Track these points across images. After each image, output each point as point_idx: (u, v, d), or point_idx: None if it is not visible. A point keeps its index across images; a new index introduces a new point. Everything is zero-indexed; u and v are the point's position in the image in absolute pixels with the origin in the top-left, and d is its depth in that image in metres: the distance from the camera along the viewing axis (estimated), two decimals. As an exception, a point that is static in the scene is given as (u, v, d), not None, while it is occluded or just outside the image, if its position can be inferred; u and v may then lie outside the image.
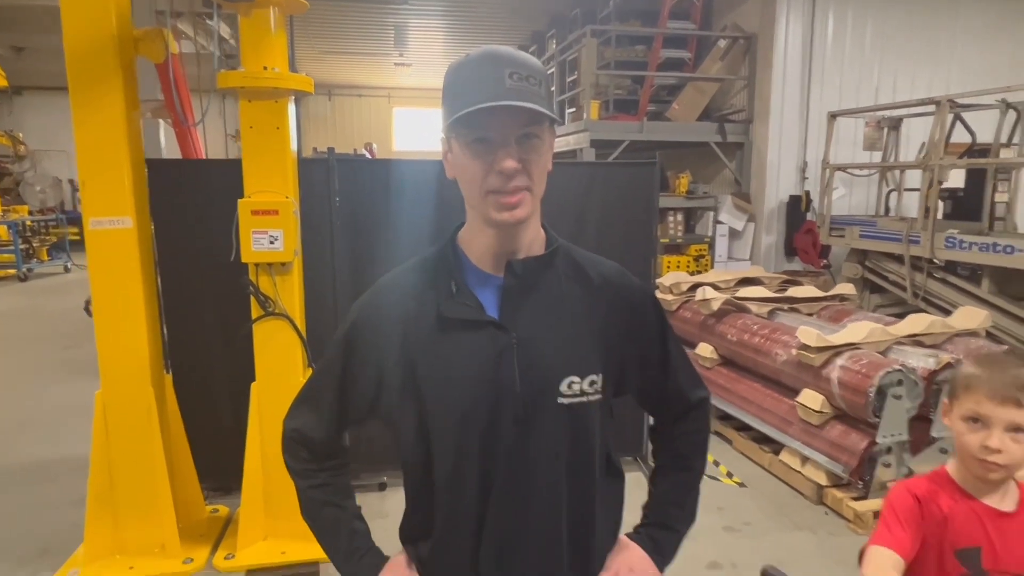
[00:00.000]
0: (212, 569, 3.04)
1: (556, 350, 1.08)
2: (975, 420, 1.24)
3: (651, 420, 1.33)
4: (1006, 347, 4.29)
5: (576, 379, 1.08)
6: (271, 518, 3.17)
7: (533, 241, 1.12)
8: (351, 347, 1.15)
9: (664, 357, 1.21)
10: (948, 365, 3.51)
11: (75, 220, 14.60)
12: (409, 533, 1.19)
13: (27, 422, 4.92)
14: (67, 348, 6.98)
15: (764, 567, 1.26)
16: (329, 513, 1.20)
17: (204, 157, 4.32)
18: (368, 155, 11.46)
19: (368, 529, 1.21)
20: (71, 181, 15.98)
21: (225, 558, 3.07)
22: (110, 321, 2.92)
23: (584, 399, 1.09)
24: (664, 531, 1.24)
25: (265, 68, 2.77)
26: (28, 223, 12.17)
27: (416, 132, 19.39)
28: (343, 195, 3.53)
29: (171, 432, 3.17)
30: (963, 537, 1.26)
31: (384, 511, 3.47)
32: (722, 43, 7.87)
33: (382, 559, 1.18)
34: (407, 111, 19.40)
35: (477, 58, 1.02)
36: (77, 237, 14.91)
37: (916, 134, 7.11)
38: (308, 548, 3.12)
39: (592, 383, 1.09)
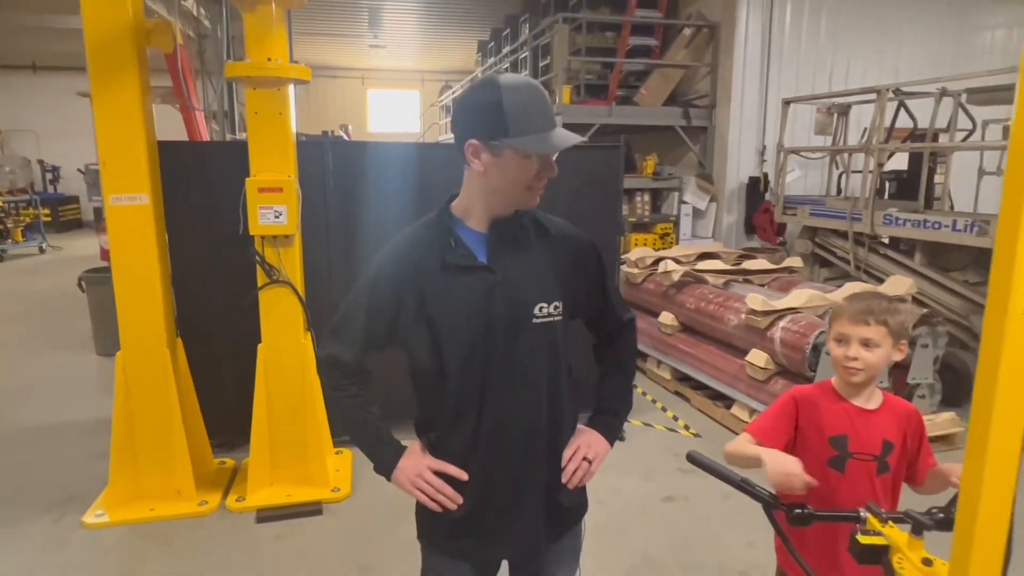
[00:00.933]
0: (225, 510, 3.39)
1: (529, 285, 1.48)
2: (840, 339, 1.67)
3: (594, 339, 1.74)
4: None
5: (544, 304, 1.48)
6: (276, 467, 3.54)
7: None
8: (375, 287, 1.52)
9: (602, 289, 1.63)
10: (875, 326, 3.99)
11: (48, 201, 14.50)
12: (422, 427, 1.58)
13: (29, 389, 5.16)
14: (55, 324, 7.17)
15: (689, 452, 1.64)
16: (359, 417, 1.58)
17: (209, 140, 4.58)
18: (345, 136, 11.64)
19: (389, 427, 1.59)
20: (40, 162, 15.82)
21: (237, 500, 3.42)
22: (129, 290, 3.22)
23: (551, 319, 1.49)
24: (611, 417, 1.65)
25: (269, 59, 3.09)
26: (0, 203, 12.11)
27: (391, 114, 19.52)
28: (336, 174, 3.86)
29: (182, 391, 3.49)
30: (835, 427, 1.68)
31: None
32: (687, 31, 8.26)
33: (402, 447, 1.56)
34: (381, 92, 19.49)
35: (527, 89, 1.39)
36: (49, 218, 14.83)
37: (867, 119, 7.62)
38: (311, 491, 3.51)
39: (556, 307, 1.49)
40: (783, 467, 1.49)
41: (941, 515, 1.36)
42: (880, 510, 1.31)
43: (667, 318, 5.20)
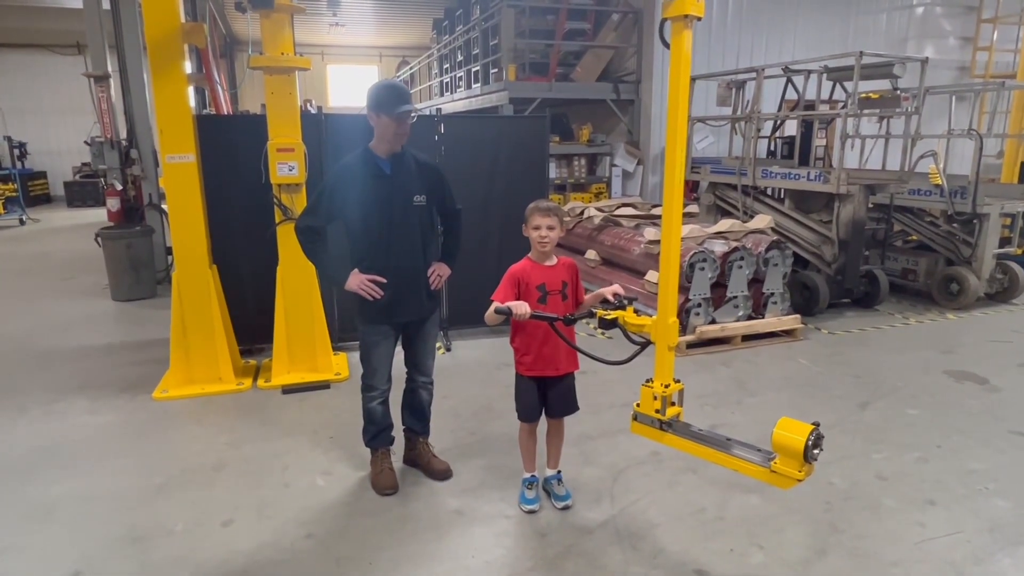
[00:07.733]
0: (257, 389, 4.58)
1: (410, 186, 2.94)
2: (536, 227, 2.83)
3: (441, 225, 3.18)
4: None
5: (418, 196, 2.96)
6: (292, 359, 4.74)
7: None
8: (334, 186, 2.91)
9: (445, 193, 3.12)
10: (735, 249, 5.39)
11: (25, 177, 14.94)
12: (355, 264, 2.94)
13: (68, 324, 6.18)
14: (65, 279, 8.09)
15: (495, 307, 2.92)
16: (325, 256, 3.00)
17: (232, 113, 5.63)
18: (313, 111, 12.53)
19: (341, 260, 2.96)
20: (8, 138, 16.17)
21: (265, 382, 4.62)
22: (182, 226, 4.36)
23: (422, 204, 2.97)
24: (451, 257, 3.18)
25: (283, 54, 4.22)
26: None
27: (350, 88, 20.29)
28: (330, 140, 5.01)
29: (218, 306, 4.64)
30: (538, 280, 2.85)
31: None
32: (615, 16, 9.50)
33: (349, 271, 2.91)
34: (341, 68, 20.22)
35: (391, 87, 2.88)
36: (15, 193, 15.28)
37: (771, 92, 9.00)
38: (320, 375, 4.72)
39: (424, 198, 2.98)
40: (522, 307, 2.63)
41: (625, 300, 2.65)
42: (604, 306, 2.60)
43: (591, 254, 6.53)
